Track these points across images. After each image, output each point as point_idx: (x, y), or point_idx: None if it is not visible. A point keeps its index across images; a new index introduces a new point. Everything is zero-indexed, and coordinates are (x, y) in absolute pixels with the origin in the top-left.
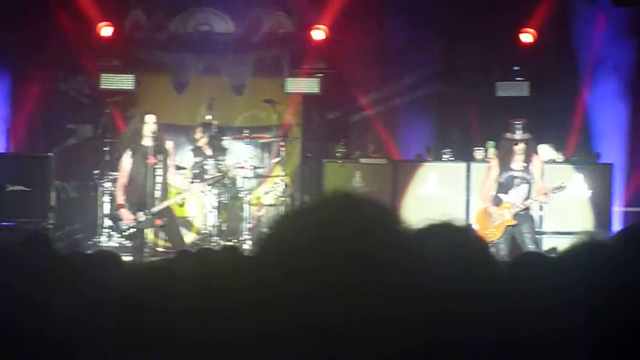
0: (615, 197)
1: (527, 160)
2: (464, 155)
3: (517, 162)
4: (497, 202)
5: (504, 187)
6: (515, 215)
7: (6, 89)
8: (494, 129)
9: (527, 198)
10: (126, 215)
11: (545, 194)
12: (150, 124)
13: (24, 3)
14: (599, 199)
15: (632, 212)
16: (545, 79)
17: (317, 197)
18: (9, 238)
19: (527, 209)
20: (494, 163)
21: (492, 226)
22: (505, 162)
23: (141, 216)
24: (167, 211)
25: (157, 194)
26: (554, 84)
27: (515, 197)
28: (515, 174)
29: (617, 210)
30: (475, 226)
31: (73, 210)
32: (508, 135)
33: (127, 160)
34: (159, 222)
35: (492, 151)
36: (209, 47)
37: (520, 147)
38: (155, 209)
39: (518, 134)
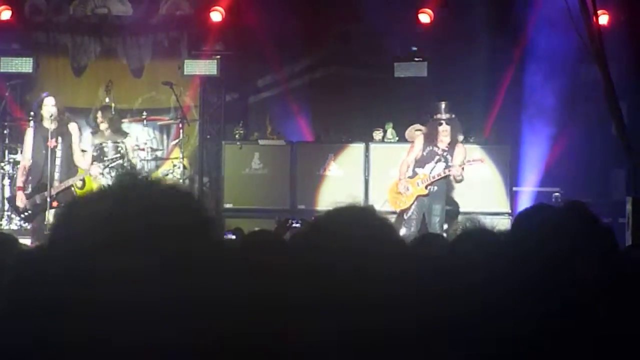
0: (520, 178)
1: (452, 143)
2: (363, 136)
3: (443, 143)
4: (413, 175)
5: (422, 161)
6: (427, 187)
7: None
8: (392, 110)
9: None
10: (20, 197)
11: (460, 165)
12: (49, 106)
13: None
14: (498, 179)
15: (542, 192)
16: (444, 60)
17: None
18: None
19: (441, 187)
20: (419, 140)
21: (404, 196)
22: (430, 142)
23: (39, 199)
24: (69, 193)
25: (57, 176)
26: (453, 64)
27: (430, 171)
28: (437, 150)
29: (523, 191)
30: (385, 197)
31: None
32: (435, 115)
33: (28, 143)
34: (56, 204)
35: (390, 132)
36: (107, 29)
37: (444, 128)
38: (53, 192)
39: (441, 114)
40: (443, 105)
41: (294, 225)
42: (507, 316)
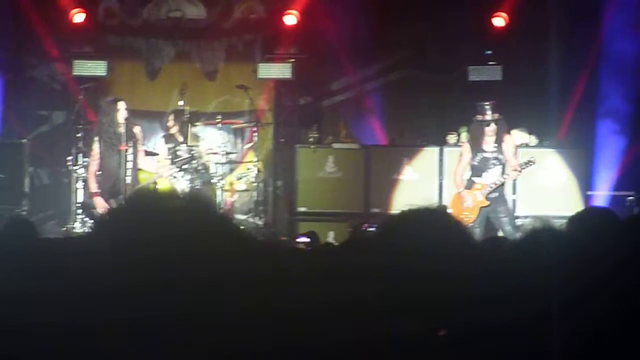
0: (595, 182)
1: (499, 141)
2: (437, 139)
3: (489, 144)
4: (470, 185)
5: (478, 169)
6: (488, 197)
7: None
8: (466, 113)
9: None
10: (100, 203)
11: (516, 169)
12: (122, 110)
13: None
14: (573, 183)
15: (616, 196)
16: (518, 63)
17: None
18: None
19: (501, 191)
20: (466, 147)
21: (466, 209)
22: (477, 144)
23: (114, 203)
24: None
25: (129, 180)
26: (526, 68)
27: (489, 179)
28: (487, 155)
29: (597, 195)
30: (449, 211)
31: (46, 196)
32: (478, 117)
33: (97, 148)
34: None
35: (464, 136)
36: (181, 33)
37: (491, 128)
38: (123, 195)
39: (488, 115)
40: (488, 105)
41: (369, 229)
42: (579, 314)
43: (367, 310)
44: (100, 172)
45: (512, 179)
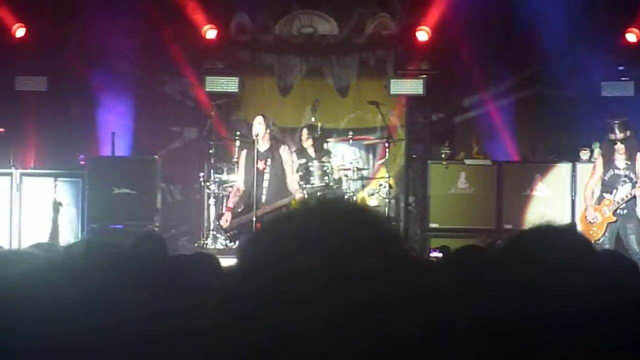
0: None
1: (631, 158)
2: (569, 155)
3: (621, 161)
4: (600, 201)
5: (609, 185)
6: (616, 213)
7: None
8: (598, 129)
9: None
10: (227, 219)
11: None
12: (256, 125)
13: (128, 6)
14: None
15: None
16: None
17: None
18: (118, 240)
19: (631, 208)
20: (599, 162)
21: (594, 225)
22: (609, 161)
23: (245, 219)
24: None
25: (263, 198)
26: None
27: (618, 196)
28: (619, 172)
29: None
30: (578, 226)
31: (178, 212)
32: (610, 135)
33: (242, 164)
34: (259, 226)
35: (597, 152)
36: (313, 49)
37: (619, 147)
38: (260, 213)
39: (617, 134)
40: (617, 123)
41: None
42: None
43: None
44: (242, 189)
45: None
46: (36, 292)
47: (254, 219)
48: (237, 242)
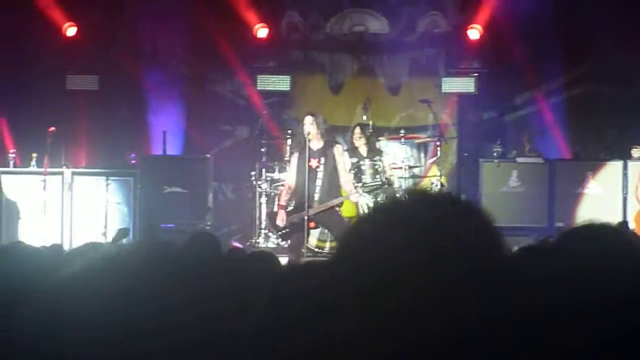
0: None
1: None
2: (621, 153)
3: None
4: None
5: None
6: None
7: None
8: None
9: None
10: (283, 217)
11: None
12: (307, 125)
13: (179, 5)
14: None
15: None
16: None
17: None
18: (170, 239)
19: None
20: None
21: None
22: None
23: (297, 218)
24: (331, 213)
25: (316, 196)
26: None
27: None
28: None
29: None
30: (631, 225)
31: (230, 211)
32: None
33: (294, 162)
34: (313, 224)
35: None
36: (364, 47)
37: None
38: (312, 212)
39: None
40: None
41: None
42: None
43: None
44: (294, 187)
45: None
46: (87, 294)
47: (307, 217)
48: (288, 241)
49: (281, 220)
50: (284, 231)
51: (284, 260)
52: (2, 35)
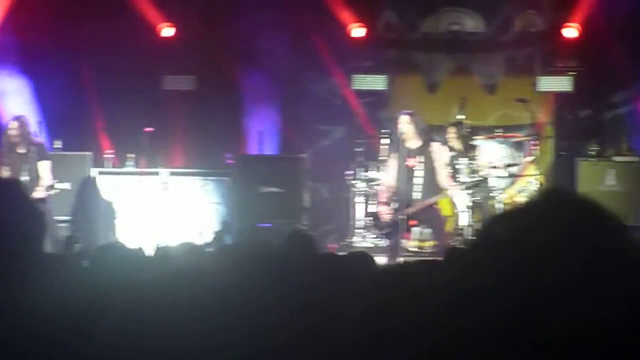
0: None
1: None
2: None
3: None
4: None
5: None
6: None
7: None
8: None
9: None
10: (385, 211)
11: None
12: (402, 124)
13: (276, 5)
14: None
15: None
16: None
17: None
18: (267, 239)
19: None
20: None
21: None
22: None
23: (397, 217)
24: (430, 211)
25: (415, 195)
26: None
27: None
28: None
29: None
30: None
31: (326, 211)
32: None
33: (393, 161)
34: (413, 222)
35: None
36: (460, 46)
37: None
38: (411, 211)
39: None
40: None
41: None
42: None
43: None
44: (393, 187)
45: None
46: (181, 294)
47: (406, 216)
48: (388, 241)
49: (387, 214)
50: (385, 230)
51: (381, 260)
52: (100, 36)
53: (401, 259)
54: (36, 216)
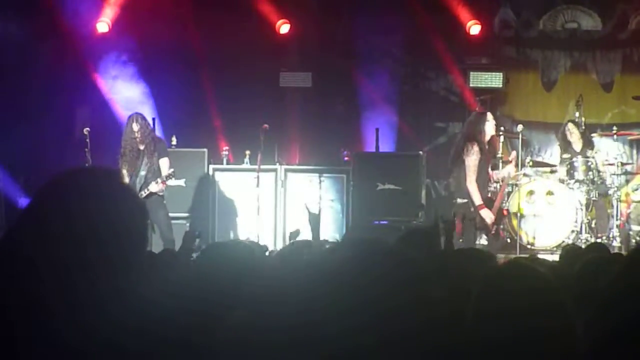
0: None
1: None
2: None
3: None
4: None
5: None
6: None
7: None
8: None
9: None
10: (487, 214)
11: None
12: (489, 122)
13: (392, 2)
14: None
15: None
16: None
17: None
18: (384, 236)
19: None
20: None
21: None
22: None
23: (486, 212)
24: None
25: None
26: None
27: None
28: None
29: None
30: None
31: (443, 208)
32: None
33: (472, 158)
34: (505, 212)
35: None
36: (576, 44)
37: None
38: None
39: None
40: None
41: None
42: None
43: None
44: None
45: None
46: (292, 293)
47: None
48: (507, 239)
49: (489, 218)
50: (493, 228)
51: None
52: (218, 33)
53: (511, 256)
54: (139, 208)
